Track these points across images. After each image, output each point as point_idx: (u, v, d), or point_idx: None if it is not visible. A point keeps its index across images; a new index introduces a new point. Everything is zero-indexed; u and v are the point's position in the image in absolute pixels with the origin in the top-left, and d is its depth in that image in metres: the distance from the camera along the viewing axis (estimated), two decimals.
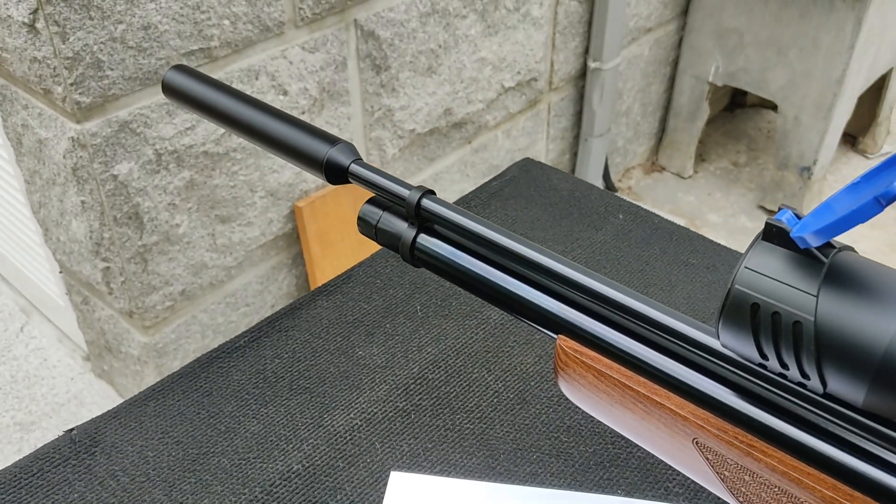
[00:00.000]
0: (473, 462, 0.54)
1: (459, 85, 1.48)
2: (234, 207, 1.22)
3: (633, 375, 0.38)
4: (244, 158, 1.19)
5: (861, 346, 0.30)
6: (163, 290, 1.18)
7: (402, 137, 1.42)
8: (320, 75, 1.24)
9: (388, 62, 1.33)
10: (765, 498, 0.36)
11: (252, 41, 1.14)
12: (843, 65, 1.76)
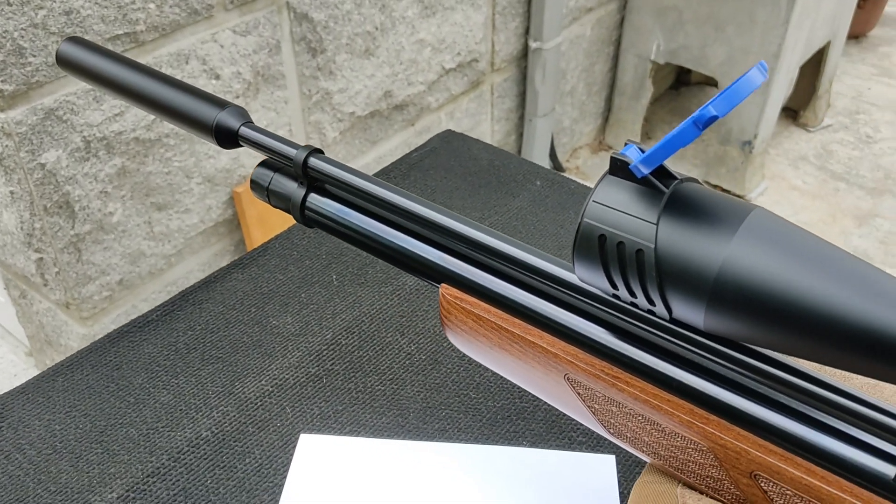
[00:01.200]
0: (384, 421, 0.55)
1: (399, 67, 1.48)
2: (171, 194, 1.20)
3: (508, 317, 0.40)
4: (178, 144, 1.18)
5: (696, 270, 0.31)
6: (99, 279, 1.17)
7: (341, 121, 1.42)
8: (253, 59, 1.23)
9: (323, 45, 1.32)
10: (631, 427, 0.37)
11: (180, 25, 1.12)
12: (778, 39, 1.79)
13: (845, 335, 0.29)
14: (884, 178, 2.12)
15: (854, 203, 2.04)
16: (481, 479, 0.51)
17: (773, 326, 0.30)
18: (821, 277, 0.29)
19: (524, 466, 0.52)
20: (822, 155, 2.19)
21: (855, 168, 2.15)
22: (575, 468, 0.52)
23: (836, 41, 2.12)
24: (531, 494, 0.50)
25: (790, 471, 0.33)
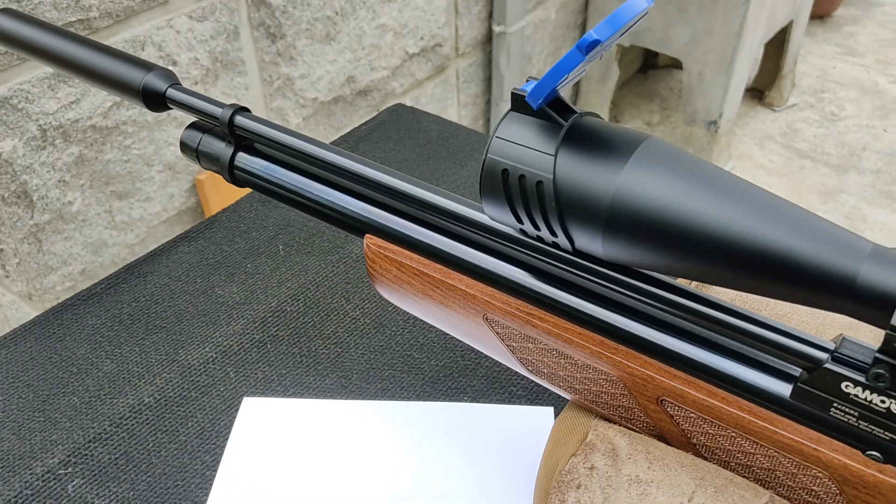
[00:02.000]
0: (327, 383, 0.55)
1: (361, 52, 1.48)
2: (131, 183, 1.20)
3: (429, 262, 0.40)
4: (136, 132, 1.17)
5: (591, 199, 0.32)
6: (61, 270, 1.16)
7: (304, 106, 1.42)
8: (211, 45, 1.22)
9: (283, 30, 1.32)
10: (547, 363, 0.38)
11: (134, 10, 1.12)
12: (740, 18, 1.81)
13: (735, 255, 0.30)
14: (848, 154, 2.15)
15: (819, 180, 2.07)
16: (422, 434, 0.52)
17: (666, 250, 0.31)
18: (710, 200, 0.30)
19: (465, 421, 0.53)
20: (787, 134, 2.22)
21: (820, 146, 2.18)
22: (514, 421, 0.53)
23: (798, 20, 2.15)
24: (471, 448, 0.51)
25: (693, 394, 0.34)
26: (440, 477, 0.49)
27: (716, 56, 1.88)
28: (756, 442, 0.33)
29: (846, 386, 0.30)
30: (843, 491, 0.31)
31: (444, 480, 0.49)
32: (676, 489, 0.32)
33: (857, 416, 0.31)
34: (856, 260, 0.28)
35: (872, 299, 0.28)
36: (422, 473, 0.49)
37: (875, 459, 0.31)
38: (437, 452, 0.51)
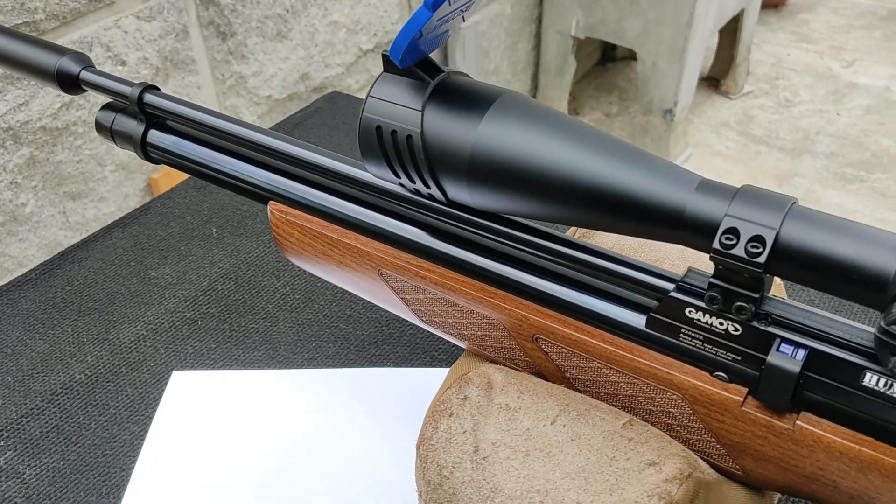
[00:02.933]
0: (255, 355, 0.57)
1: (314, 49, 1.50)
2: (84, 183, 1.21)
3: (326, 224, 0.43)
4: (87, 132, 1.18)
5: (455, 150, 0.34)
6: (17, 272, 1.17)
7: (258, 104, 1.44)
8: (160, 44, 1.24)
9: (233, 28, 1.34)
10: (437, 312, 0.40)
11: (81, 12, 1.13)
12: (690, 8, 1.85)
13: (581, 194, 0.32)
14: (802, 139, 2.20)
15: (774, 164, 2.12)
16: (343, 399, 0.54)
17: (522, 194, 0.33)
18: (556, 146, 0.33)
19: (387, 385, 0.55)
20: (743, 120, 2.27)
21: (775, 131, 2.22)
22: (435, 383, 0.55)
23: (749, 9, 2.20)
24: (392, 410, 0.53)
25: (562, 330, 0.36)
26: (355, 438, 0.51)
27: (668, 46, 1.92)
28: (618, 371, 0.35)
29: (689, 312, 0.33)
30: (696, 411, 0.34)
31: (357, 441, 0.51)
32: (541, 414, 0.34)
33: (702, 340, 0.33)
34: (685, 193, 0.31)
35: (698, 227, 0.30)
36: (340, 436, 0.51)
37: (721, 379, 0.33)
38: (358, 415, 0.53)
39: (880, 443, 0.31)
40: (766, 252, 0.29)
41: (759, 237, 0.29)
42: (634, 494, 0.31)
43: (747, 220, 0.29)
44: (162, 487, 0.48)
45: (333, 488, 0.48)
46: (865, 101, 2.36)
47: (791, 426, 0.32)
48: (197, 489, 0.48)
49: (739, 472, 0.35)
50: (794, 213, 0.29)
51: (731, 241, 0.29)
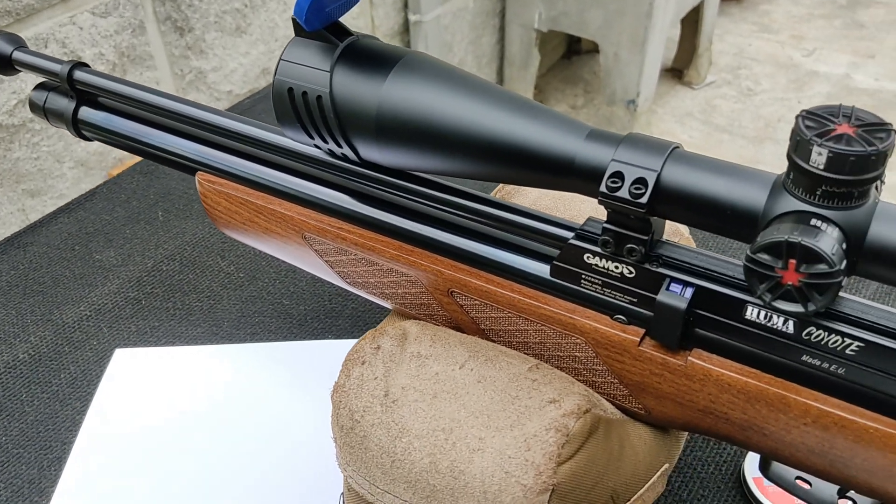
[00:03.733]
0: (198, 332, 0.58)
1: (274, 44, 1.51)
2: (43, 180, 1.21)
3: (251, 191, 0.44)
4: (44, 129, 1.18)
5: (362, 110, 0.35)
6: None
7: (219, 100, 1.44)
8: (116, 40, 1.24)
9: (190, 24, 1.34)
10: (360, 272, 0.41)
11: (35, 8, 1.13)
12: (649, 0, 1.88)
13: (481, 147, 0.34)
14: (764, 126, 2.24)
15: (737, 152, 2.15)
16: (285, 372, 0.55)
17: (427, 149, 0.35)
18: (456, 102, 0.34)
19: (327, 356, 0.56)
20: (706, 110, 2.30)
21: (737, 120, 2.26)
22: None
23: (710, 0, 2.23)
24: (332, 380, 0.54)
25: (474, 282, 0.37)
26: (295, 409, 0.52)
27: (629, 37, 1.95)
28: (527, 319, 0.37)
29: (588, 257, 0.34)
30: (598, 353, 0.36)
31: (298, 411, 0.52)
32: (451, 360, 0.35)
33: (601, 284, 0.35)
34: (575, 142, 0.32)
35: (588, 173, 0.32)
36: (280, 407, 0.52)
37: (621, 322, 0.35)
38: (293, 387, 0.54)
39: (765, 374, 0.32)
40: (647, 193, 0.30)
41: (642, 179, 0.31)
42: (534, 429, 0.32)
43: (631, 163, 0.31)
44: (102, 459, 0.49)
45: (276, 459, 0.49)
46: (826, 88, 2.41)
47: (684, 362, 0.33)
48: (137, 461, 0.49)
49: (642, 411, 0.36)
50: (674, 156, 0.31)
51: (616, 184, 0.31)
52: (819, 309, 0.28)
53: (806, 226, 0.28)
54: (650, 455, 0.36)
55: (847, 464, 0.31)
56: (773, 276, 0.28)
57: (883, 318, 0.30)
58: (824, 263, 0.27)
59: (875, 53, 2.59)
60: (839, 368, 0.31)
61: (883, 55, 2.58)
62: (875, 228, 0.28)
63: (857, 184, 0.27)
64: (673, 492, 0.47)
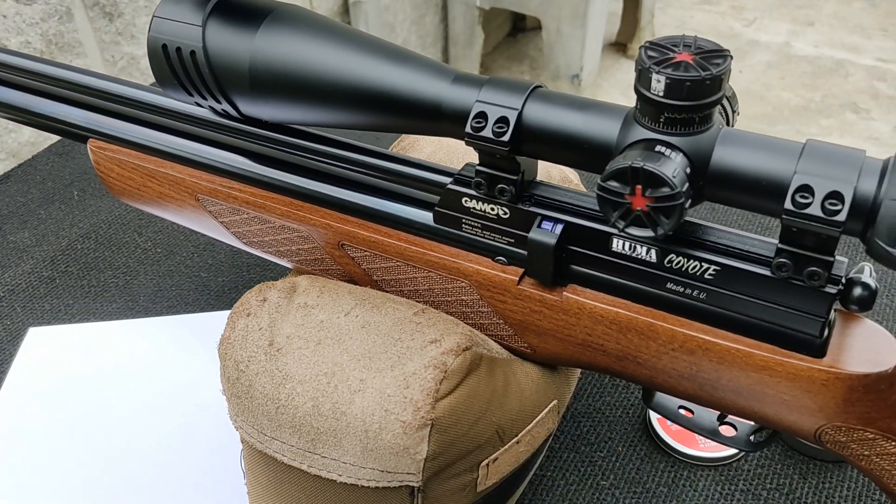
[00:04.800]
0: (113, 308, 0.58)
1: None
2: None
3: (143, 155, 0.43)
4: None
5: (236, 63, 0.35)
6: None
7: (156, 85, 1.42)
8: (43, 27, 1.21)
9: (119, 9, 1.31)
10: (255, 232, 0.42)
11: None
12: None
13: (354, 95, 0.34)
14: None
15: None
16: (200, 342, 0.55)
17: (304, 100, 0.35)
18: (326, 52, 0.34)
19: None
20: None
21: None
22: None
23: None
24: None
25: (362, 233, 0.38)
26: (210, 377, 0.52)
27: (570, 11, 1.96)
28: (414, 266, 0.37)
29: (465, 201, 0.35)
30: (482, 295, 0.36)
31: None
32: (337, 308, 0.36)
33: (481, 227, 0.36)
34: (442, 86, 0.33)
35: (454, 116, 0.32)
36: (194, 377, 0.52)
37: (501, 263, 0.36)
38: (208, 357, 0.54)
39: (634, 304, 0.33)
40: (509, 131, 0.31)
41: (504, 118, 0.31)
42: (414, 367, 0.33)
43: (494, 104, 0.32)
44: (16, 436, 0.49)
45: (187, 423, 0.49)
46: (766, 57, 2.46)
47: (560, 298, 0.34)
48: (52, 437, 0.49)
49: (528, 349, 0.37)
50: (535, 95, 0.32)
51: (480, 124, 0.32)
52: (667, 231, 0.29)
53: (651, 152, 0.28)
54: (537, 392, 0.37)
55: (715, 386, 0.33)
56: (622, 202, 0.29)
57: (737, 241, 0.31)
58: (667, 186, 0.28)
59: (814, 21, 2.65)
60: (700, 293, 0.32)
61: (821, 22, 2.64)
62: (718, 153, 0.29)
63: (697, 109, 0.28)
64: (582, 436, 0.48)
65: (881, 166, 0.27)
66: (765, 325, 0.31)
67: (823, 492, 0.45)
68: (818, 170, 0.27)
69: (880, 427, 0.31)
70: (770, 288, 0.30)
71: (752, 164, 0.28)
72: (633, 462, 0.47)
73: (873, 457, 0.32)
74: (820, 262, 0.29)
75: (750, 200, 0.29)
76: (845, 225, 0.27)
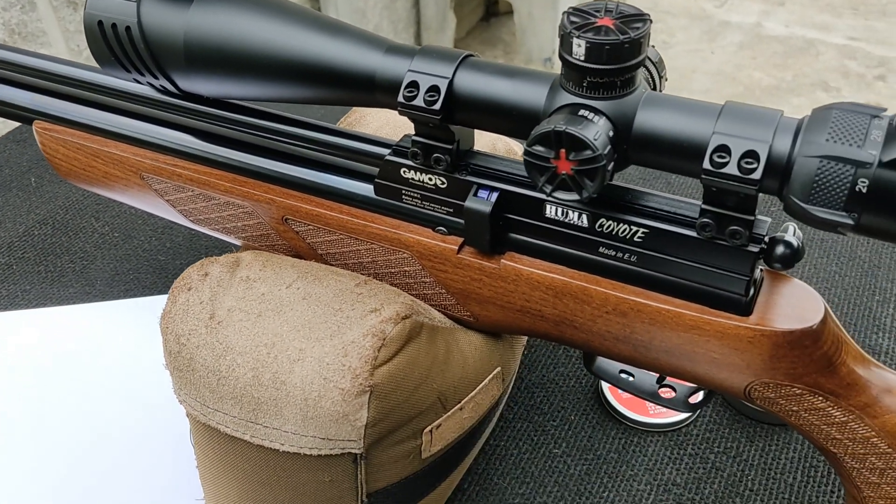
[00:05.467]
0: (70, 293, 0.58)
1: None
2: None
3: (87, 135, 0.43)
4: None
5: (171, 39, 0.35)
6: None
7: None
8: (4, 17, 1.19)
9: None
10: (199, 209, 0.42)
11: None
12: None
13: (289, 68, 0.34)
14: (679, 78, 2.29)
15: None
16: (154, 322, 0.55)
17: (240, 74, 0.35)
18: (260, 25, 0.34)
19: None
20: None
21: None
22: None
23: None
24: None
25: (305, 207, 0.38)
26: None
27: None
28: (357, 239, 0.38)
29: (404, 172, 0.35)
30: (424, 265, 0.37)
31: None
32: (279, 281, 0.36)
33: (420, 198, 0.36)
34: (375, 57, 0.33)
35: (388, 86, 0.33)
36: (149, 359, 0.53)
37: (442, 233, 0.36)
38: None
39: (569, 269, 0.34)
40: (440, 99, 0.31)
41: (435, 87, 0.32)
42: (353, 336, 0.33)
43: (425, 72, 0.32)
44: None
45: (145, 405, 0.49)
46: (738, 37, 2.47)
47: (498, 265, 0.35)
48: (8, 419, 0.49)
49: (470, 318, 0.38)
50: (466, 63, 0.32)
51: (412, 93, 0.32)
52: (591, 194, 0.29)
53: (574, 116, 0.29)
54: (480, 360, 0.38)
55: (648, 347, 0.34)
56: (548, 166, 0.30)
57: (664, 204, 0.32)
58: (589, 149, 0.28)
59: (784, 1, 2.66)
60: (631, 256, 0.33)
61: (792, 2, 2.65)
62: (641, 116, 0.29)
63: (618, 72, 0.29)
64: (535, 406, 0.49)
65: (796, 125, 0.28)
66: (693, 285, 0.32)
67: (770, 454, 0.46)
68: (735, 130, 0.28)
69: (806, 382, 0.31)
70: (696, 249, 0.31)
71: (673, 127, 0.29)
72: (585, 430, 0.48)
73: (802, 412, 0.32)
74: (741, 222, 0.29)
75: (672, 162, 0.29)
76: (762, 183, 0.27)
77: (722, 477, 0.45)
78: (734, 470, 0.45)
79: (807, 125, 0.27)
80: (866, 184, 0.26)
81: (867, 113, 0.27)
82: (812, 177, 0.26)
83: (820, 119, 0.27)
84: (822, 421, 0.32)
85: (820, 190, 0.26)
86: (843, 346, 0.31)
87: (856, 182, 0.26)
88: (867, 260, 0.58)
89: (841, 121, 0.26)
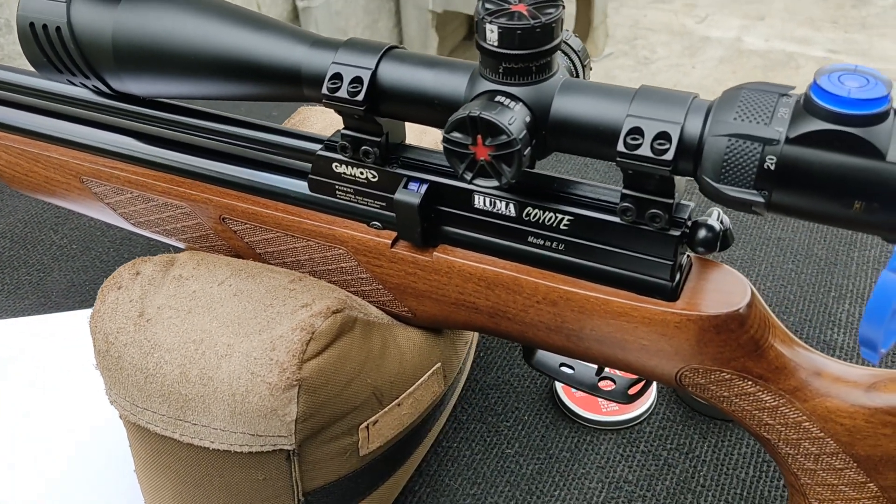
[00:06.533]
0: (25, 304, 0.57)
1: None
2: None
3: (28, 140, 0.43)
4: None
5: (99, 39, 0.36)
6: None
7: None
8: None
9: None
10: (139, 211, 0.42)
11: None
12: None
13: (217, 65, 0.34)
14: None
15: None
16: None
17: (169, 73, 0.35)
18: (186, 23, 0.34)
19: None
20: (605, 80, 2.36)
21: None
22: None
23: None
24: None
25: (241, 206, 0.38)
26: None
27: None
28: (293, 236, 0.37)
29: (336, 166, 0.35)
30: (360, 261, 0.37)
31: None
32: (211, 278, 0.36)
33: (354, 193, 0.36)
34: (301, 51, 0.33)
35: (313, 79, 0.33)
36: None
37: (376, 228, 0.36)
38: None
39: (500, 260, 0.34)
40: (363, 90, 0.32)
41: (358, 78, 0.32)
42: (282, 330, 0.33)
43: (349, 64, 0.32)
44: None
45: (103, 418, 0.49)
46: (718, 52, 2.49)
47: (431, 258, 0.35)
48: None
49: (408, 313, 0.37)
50: (389, 55, 0.32)
51: (336, 84, 0.32)
52: (510, 180, 0.29)
53: (490, 101, 0.29)
54: (420, 356, 0.38)
55: (580, 336, 0.33)
56: (467, 153, 0.30)
57: (588, 191, 0.32)
58: (504, 134, 0.28)
59: (764, 15, 2.70)
60: (559, 245, 0.32)
61: (772, 16, 2.69)
62: (557, 102, 0.29)
63: (531, 58, 0.29)
64: (489, 407, 0.49)
65: (707, 106, 0.28)
66: (621, 272, 0.32)
67: (722, 450, 0.46)
68: (648, 112, 0.28)
69: (735, 367, 0.31)
70: (620, 234, 0.31)
71: (589, 111, 0.29)
72: (539, 430, 0.47)
73: (733, 398, 0.32)
74: (660, 205, 0.29)
75: (589, 147, 0.29)
76: (675, 164, 0.28)
77: (674, 473, 0.44)
78: (686, 466, 0.45)
79: (716, 105, 0.27)
80: (774, 161, 0.26)
81: (775, 91, 0.27)
82: (722, 156, 0.26)
83: (729, 99, 0.27)
84: (754, 406, 0.32)
85: (730, 168, 0.26)
86: (771, 330, 0.31)
87: (764, 159, 0.26)
88: (823, 257, 0.58)
89: (749, 100, 0.27)
